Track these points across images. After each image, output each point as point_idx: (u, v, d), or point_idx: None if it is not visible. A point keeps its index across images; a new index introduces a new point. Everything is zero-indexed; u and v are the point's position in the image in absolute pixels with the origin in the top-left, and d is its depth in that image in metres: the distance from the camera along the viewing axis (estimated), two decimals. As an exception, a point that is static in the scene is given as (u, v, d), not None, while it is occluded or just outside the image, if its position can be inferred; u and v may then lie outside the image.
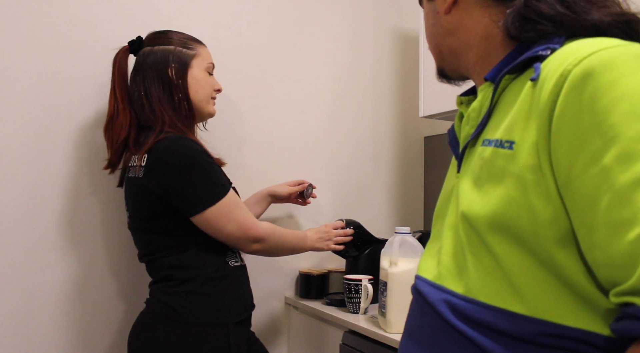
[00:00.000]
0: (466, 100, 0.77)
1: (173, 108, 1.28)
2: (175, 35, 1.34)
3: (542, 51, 0.59)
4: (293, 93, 1.83)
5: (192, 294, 1.22)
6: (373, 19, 2.01)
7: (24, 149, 1.39)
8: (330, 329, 1.54)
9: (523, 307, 0.56)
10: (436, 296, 0.65)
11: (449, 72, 0.79)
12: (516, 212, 0.56)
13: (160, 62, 1.29)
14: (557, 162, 0.53)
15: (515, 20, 0.63)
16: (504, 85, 0.65)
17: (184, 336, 1.19)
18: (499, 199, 0.58)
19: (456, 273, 0.64)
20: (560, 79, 0.54)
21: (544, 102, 0.55)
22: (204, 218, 1.22)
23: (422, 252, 1.32)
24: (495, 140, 0.61)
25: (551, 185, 0.54)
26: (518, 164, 0.57)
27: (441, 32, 0.74)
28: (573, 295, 0.54)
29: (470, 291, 0.61)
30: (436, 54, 0.79)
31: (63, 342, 1.41)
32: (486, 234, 0.59)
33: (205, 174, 1.22)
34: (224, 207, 1.23)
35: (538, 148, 0.55)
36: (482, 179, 0.62)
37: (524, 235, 0.56)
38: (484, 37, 0.69)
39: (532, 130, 0.56)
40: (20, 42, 1.39)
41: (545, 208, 0.54)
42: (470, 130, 0.69)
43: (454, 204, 0.68)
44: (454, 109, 1.59)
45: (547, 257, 0.55)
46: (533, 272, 0.56)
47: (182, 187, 1.20)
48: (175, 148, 1.20)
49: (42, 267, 1.40)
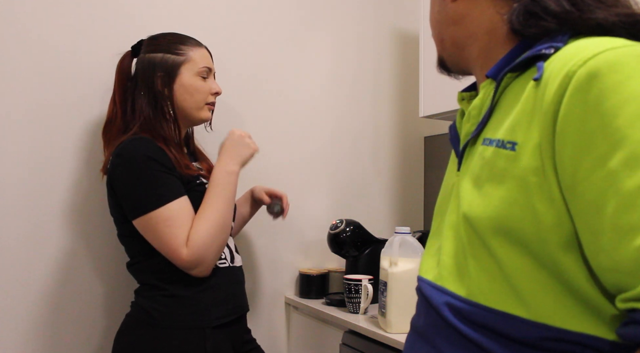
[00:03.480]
0: (467, 96, 0.76)
1: (156, 116, 1.25)
2: (165, 40, 1.31)
3: (545, 50, 0.58)
4: (293, 93, 1.83)
5: (166, 297, 1.19)
6: (373, 19, 2.01)
7: (24, 149, 1.39)
8: (330, 329, 1.54)
9: (525, 311, 0.56)
10: (438, 299, 0.65)
11: (449, 64, 0.77)
12: (519, 215, 0.55)
13: (146, 72, 1.27)
14: (561, 165, 0.52)
15: (520, 14, 0.62)
16: (505, 83, 0.63)
17: (156, 340, 1.17)
18: (501, 201, 0.57)
19: (457, 275, 0.63)
20: (564, 80, 0.52)
21: (548, 103, 0.53)
22: (136, 226, 1.18)
23: (422, 252, 1.32)
24: (497, 140, 0.60)
25: (554, 188, 0.53)
26: (520, 165, 0.56)
27: (446, 20, 0.72)
28: (576, 300, 0.54)
29: (471, 294, 0.60)
30: (438, 42, 0.77)
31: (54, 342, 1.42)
32: (488, 237, 0.58)
33: (144, 180, 1.15)
34: (152, 220, 1.14)
35: (541, 150, 0.54)
36: (482, 179, 0.61)
37: (527, 238, 0.55)
38: (488, 29, 0.67)
39: (535, 131, 0.55)
40: (21, 44, 1.38)
41: (548, 212, 0.53)
42: (471, 128, 0.68)
43: (455, 203, 0.67)
44: (454, 108, 1.59)
45: (550, 261, 0.54)
46: (535, 276, 0.55)
47: (121, 190, 1.18)
48: (125, 149, 1.18)
49: (42, 266, 1.40)
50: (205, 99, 1.33)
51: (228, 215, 1.22)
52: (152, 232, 1.15)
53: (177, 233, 1.14)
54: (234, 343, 1.27)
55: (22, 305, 1.37)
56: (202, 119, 1.34)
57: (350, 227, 1.63)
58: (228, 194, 1.22)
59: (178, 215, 1.15)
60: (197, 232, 1.16)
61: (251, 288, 1.70)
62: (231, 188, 1.24)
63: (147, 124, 1.24)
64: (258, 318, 1.70)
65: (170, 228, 1.14)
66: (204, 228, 1.16)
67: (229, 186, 1.24)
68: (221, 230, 1.19)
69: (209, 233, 1.16)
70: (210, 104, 1.35)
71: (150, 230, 1.15)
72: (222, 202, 1.21)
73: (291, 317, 1.77)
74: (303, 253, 1.81)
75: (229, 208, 1.22)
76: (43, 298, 1.40)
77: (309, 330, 1.67)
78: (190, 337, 1.18)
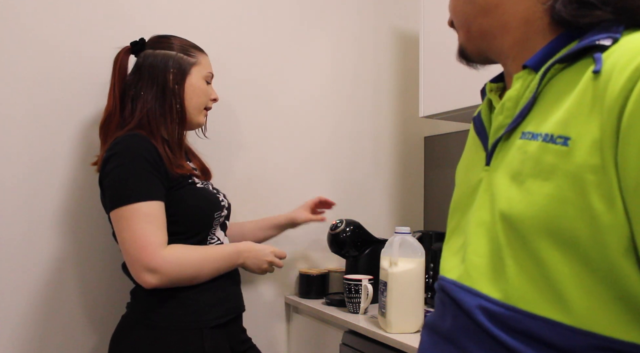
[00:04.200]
0: (495, 87, 0.72)
1: (162, 113, 1.25)
2: (178, 41, 1.33)
3: (603, 40, 0.54)
4: (292, 93, 1.83)
5: (164, 298, 1.18)
6: (373, 19, 2.01)
7: (20, 149, 1.38)
8: (330, 329, 1.54)
9: (569, 317, 0.52)
10: (470, 301, 0.60)
11: (471, 54, 0.72)
12: (572, 215, 0.51)
13: (159, 65, 1.28)
14: (624, 164, 0.48)
15: (568, 3, 0.58)
16: (551, 74, 0.59)
17: (155, 341, 1.16)
18: (549, 199, 0.53)
19: (491, 276, 0.59)
20: (635, 73, 0.48)
21: (613, 98, 0.49)
22: (112, 218, 1.16)
23: (422, 252, 1.33)
24: (544, 135, 0.56)
25: (615, 188, 0.49)
26: (574, 162, 0.51)
27: (474, 10, 0.68)
28: (628, 307, 0.50)
29: (509, 297, 0.56)
30: (464, 32, 0.72)
31: (51, 341, 1.41)
32: (532, 237, 0.54)
33: (132, 174, 1.14)
34: (128, 212, 1.12)
35: (602, 146, 0.50)
36: (523, 175, 0.57)
37: (580, 240, 0.51)
38: (524, 19, 0.63)
39: (595, 126, 0.51)
40: (20, 44, 1.38)
41: (608, 212, 0.49)
42: (505, 120, 0.64)
43: (486, 200, 0.63)
44: (454, 108, 1.59)
45: (605, 265, 0.50)
46: (583, 280, 0.51)
47: (107, 182, 1.17)
48: (117, 145, 1.17)
49: (36, 267, 1.40)
50: (205, 103, 1.35)
51: (206, 271, 1.21)
52: (125, 222, 1.12)
53: (156, 232, 1.13)
54: (231, 343, 1.28)
55: (16, 306, 1.37)
56: (199, 123, 1.36)
57: (350, 227, 1.63)
58: (213, 270, 1.23)
59: (158, 215, 1.15)
60: (183, 249, 1.18)
61: (251, 288, 1.70)
62: (219, 269, 1.24)
63: (146, 120, 1.24)
64: (258, 318, 1.70)
65: (150, 225, 1.13)
66: (190, 254, 1.18)
67: (222, 267, 1.24)
68: (196, 270, 1.19)
69: (189, 261, 1.17)
70: (207, 110, 1.38)
71: (125, 220, 1.12)
72: (213, 263, 1.22)
73: (291, 317, 1.77)
74: (303, 253, 1.81)
75: (211, 270, 1.22)
76: (37, 299, 1.39)
77: (309, 330, 1.67)
78: (189, 338, 1.18)
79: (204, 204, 1.26)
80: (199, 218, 1.25)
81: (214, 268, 1.22)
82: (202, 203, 1.26)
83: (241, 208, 1.66)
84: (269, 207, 1.74)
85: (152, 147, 1.19)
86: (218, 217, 1.29)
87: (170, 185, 1.21)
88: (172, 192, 1.21)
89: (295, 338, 1.75)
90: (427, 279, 1.56)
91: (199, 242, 1.25)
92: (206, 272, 1.21)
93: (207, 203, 1.27)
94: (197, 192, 1.27)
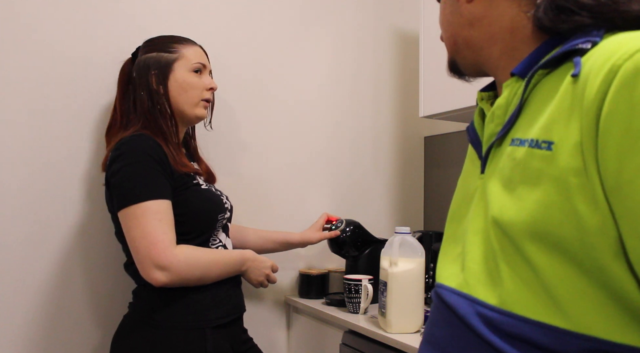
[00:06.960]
0: (486, 96, 0.73)
1: (154, 115, 1.26)
2: (159, 40, 1.33)
3: (581, 44, 0.55)
4: (293, 93, 1.83)
5: (166, 298, 1.19)
6: (373, 19, 2.01)
7: (25, 153, 1.38)
8: (330, 329, 1.54)
9: (564, 320, 0.52)
10: (467, 308, 0.60)
11: (462, 66, 0.74)
12: (558, 219, 0.51)
13: (142, 70, 1.29)
14: (605, 165, 0.49)
15: (549, 10, 0.59)
16: (535, 81, 0.60)
17: (157, 341, 1.16)
18: (537, 204, 0.53)
19: (487, 283, 0.59)
20: (609, 75, 0.49)
21: (590, 100, 0.50)
22: (120, 217, 1.16)
23: (422, 252, 1.33)
24: (530, 140, 0.56)
25: (598, 190, 0.49)
26: (558, 166, 0.52)
27: (460, 22, 0.69)
28: (622, 309, 0.50)
29: (504, 303, 0.56)
30: (450, 45, 0.73)
31: (48, 342, 1.41)
32: (523, 242, 0.55)
33: (140, 173, 1.15)
34: (139, 210, 1.12)
35: (583, 149, 0.50)
36: (513, 182, 0.57)
37: (568, 243, 0.51)
38: (510, 29, 0.64)
39: (575, 129, 0.51)
40: (22, 47, 1.38)
41: (593, 215, 0.50)
42: (496, 128, 0.64)
43: (481, 208, 0.63)
44: (454, 108, 1.59)
45: (595, 267, 0.50)
46: (575, 283, 0.51)
47: (115, 181, 1.17)
48: (124, 144, 1.18)
49: (40, 267, 1.40)
50: (200, 95, 1.33)
51: (213, 274, 1.23)
52: (135, 220, 1.12)
53: (167, 230, 1.13)
54: (232, 343, 1.28)
55: (20, 306, 1.37)
56: (198, 116, 1.34)
57: (350, 227, 1.63)
58: (219, 274, 1.24)
59: (167, 214, 1.15)
60: (193, 249, 1.19)
61: (251, 288, 1.69)
62: (221, 275, 1.25)
63: (147, 122, 1.25)
64: (258, 319, 1.70)
65: (160, 223, 1.12)
66: (200, 255, 1.20)
67: (228, 272, 1.26)
68: (204, 272, 1.20)
69: (199, 262, 1.18)
70: (206, 101, 1.35)
71: (135, 218, 1.12)
72: (220, 267, 1.24)
73: (291, 317, 1.77)
74: (303, 253, 1.81)
75: (218, 273, 1.24)
76: (41, 299, 1.39)
77: (309, 330, 1.67)
78: (191, 338, 1.18)
79: (209, 206, 1.27)
80: (203, 220, 1.25)
81: (220, 271, 1.24)
82: (206, 205, 1.27)
83: (241, 208, 1.66)
84: (269, 207, 1.74)
85: (158, 146, 1.20)
86: (221, 219, 1.30)
87: (176, 184, 1.21)
88: (178, 192, 1.21)
89: (296, 338, 1.75)
90: (427, 279, 1.56)
91: (201, 243, 1.25)
92: (213, 275, 1.22)
93: (211, 205, 1.28)
94: (202, 193, 1.27)
